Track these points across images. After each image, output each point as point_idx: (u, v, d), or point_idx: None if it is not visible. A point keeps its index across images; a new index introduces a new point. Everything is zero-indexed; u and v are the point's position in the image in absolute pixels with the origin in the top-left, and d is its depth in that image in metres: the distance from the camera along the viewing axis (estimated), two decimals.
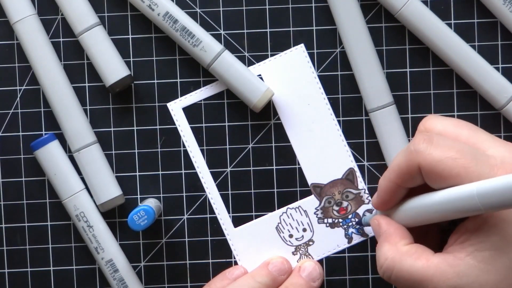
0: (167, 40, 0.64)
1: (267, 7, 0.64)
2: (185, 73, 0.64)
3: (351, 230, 0.65)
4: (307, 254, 0.65)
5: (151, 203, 0.62)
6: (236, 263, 0.65)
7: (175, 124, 0.65)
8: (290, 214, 0.65)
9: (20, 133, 0.65)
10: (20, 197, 0.65)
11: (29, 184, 0.65)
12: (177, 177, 0.65)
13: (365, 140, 0.65)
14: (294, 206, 0.65)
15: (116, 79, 0.63)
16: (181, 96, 0.65)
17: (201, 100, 0.65)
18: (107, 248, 0.64)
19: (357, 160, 0.65)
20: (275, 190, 0.65)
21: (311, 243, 0.65)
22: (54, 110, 0.64)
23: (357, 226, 0.64)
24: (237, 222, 0.65)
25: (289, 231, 0.65)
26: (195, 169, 0.65)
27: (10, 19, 0.63)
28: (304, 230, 0.65)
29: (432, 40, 0.63)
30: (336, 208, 0.65)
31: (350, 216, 0.65)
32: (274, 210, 0.65)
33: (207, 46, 0.63)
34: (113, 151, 0.65)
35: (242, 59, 0.64)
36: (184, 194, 0.65)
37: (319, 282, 0.64)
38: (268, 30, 0.64)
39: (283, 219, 0.65)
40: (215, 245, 0.65)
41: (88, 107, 0.65)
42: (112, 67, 0.63)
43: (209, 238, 0.65)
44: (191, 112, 0.65)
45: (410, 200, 0.56)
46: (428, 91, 0.64)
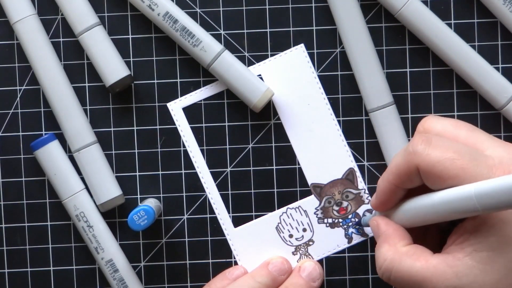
0: (167, 40, 0.64)
1: (267, 7, 0.64)
2: (185, 73, 0.64)
3: (351, 230, 0.65)
4: (307, 254, 0.65)
5: (151, 203, 0.62)
6: (236, 263, 0.65)
7: (175, 124, 0.65)
8: (290, 214, 0.65)
9: (20, 133, 0.65)
10: (20, 197, 0.65)
11: (29, 184, 0.65)
12: (177, 177, 0.65)
13: (365, 140, 0.64)
14: (294, 206, 0.65)
15: (116, 79, 0.63)
16: (181, 96, 0.65)
17: (201, 100, 0.65)
18: (107, 248, 0.64)
19: (357, 160, 0.64)
20: (275, 190, 0.65)
21: (311, 243, 0.65)
22: (54, 110, 0.64)
23: (356, 227, 0.64)
24: (237, 222, 0.65)
25: (289, 231, 0.65)
26: (195, 169, 0.65)
27: (10, 19, 0.63)
28: (304, 230, 0.65)
29: (432, 40, 0.62)
30: (336, 208, 0.65)
31: (350, 216, 0.65)
32: (274, 210, 0.65)
33: (207, 46, 0.63)
34: (113, 151, 0.65)
35: (242, 59, 0.64)
36: (184, 194, 0.65)
37: (319, 282, 0.64)
38: (268, 30, 0.64)
39: (283, 219, 0.65)
40: (215, 245, 0.65)
41: (88, 107, 0.65)
42: (112, 67, 0.63)
43: (209, 238, 0.65)
44: (191, 112, 0.65)
45: (409, 200, 0.56)
46: (428, 91, 0.64)
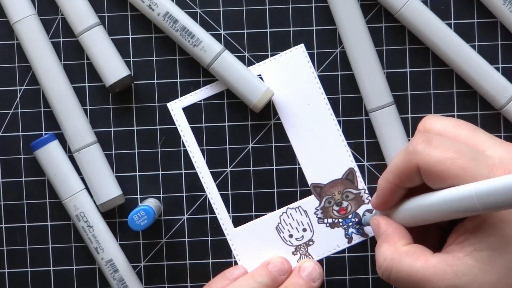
0: (167, 40, 0.64)
1: (267, 7, 0.64)
2: (185, 73, 0.64)
3: (351, 230, 0.65)
4: (307, 254, 0.65)
5: (151, 203, 0.62)
6: (236, 263, 0.65)
7: (175, 124, 0.65)
8: (290, 214, 0.65)
9: (20, 133, 0.65)
10: (20, 197, 0.65)
11: (29, 184, 0.65)
12: (177, 177, 0.65)
13: (365, 140, 0.64)
14: (294, 206, 0.65)
15: (116, 79, 0.63)
16: (181, 96, 0.65)
17: (201, 100, 0.65)
18: (107, 248, 0.64)
19: (357, 160, 0.64)
20: (275, 190, 0.65)
21: (311, 243, 0.65)
22: (54, 110, 0.64)
23: (356, 226, 0.64)
24: (237, 222, 0.65)
25: (289, 231, 0.65)
26: (195, 169, 0.65)
27: (10, 19, 0.63)
28: (304, 230, 0.65)
29: (432, 40, 0.62)
30: (336, 208, 0.65)
31: (350, 216, 0.65)
32: (274, 210, 0.65)
33: (207, 46, 0.63)
34: (113, 151, 0.65)
35: (242, 59, 0.64)
36: (184, 194, 0.65)
37: (319, 282, 0.64)
38: (268, 30, 0.64)
39: (283, 219, 0.65)
40: (215, 245, 0.65)
41: (88, 107, 0.65)
42: (112, 67, 0.63)
43: (209, 238, 0.65)
44: (191, 112, 0.65)
45: (409, 200, 0.56)
46: (428, 91, 0.64)
